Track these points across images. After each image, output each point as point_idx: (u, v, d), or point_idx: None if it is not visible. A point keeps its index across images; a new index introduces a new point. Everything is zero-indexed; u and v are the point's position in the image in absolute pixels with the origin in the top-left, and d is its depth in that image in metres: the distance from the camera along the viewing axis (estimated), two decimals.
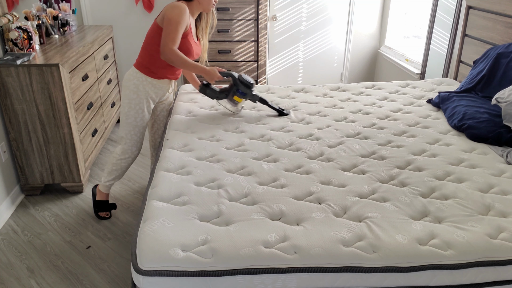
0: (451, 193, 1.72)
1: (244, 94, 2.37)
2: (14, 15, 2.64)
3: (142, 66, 2.31)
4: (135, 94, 2.30)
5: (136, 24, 4.30)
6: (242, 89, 2.35)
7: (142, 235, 1.45)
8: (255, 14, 3.93)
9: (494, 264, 1.43)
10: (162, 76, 2.35)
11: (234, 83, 2.36)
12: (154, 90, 2.36)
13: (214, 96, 2.41)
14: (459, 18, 3.27)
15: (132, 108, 2.32)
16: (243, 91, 2.36)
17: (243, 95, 2.38)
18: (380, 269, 1.39)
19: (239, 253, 1.38)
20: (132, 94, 2.30)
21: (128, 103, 2.31)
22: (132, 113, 2.33)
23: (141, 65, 2.31)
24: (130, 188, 2.97)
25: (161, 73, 2.34)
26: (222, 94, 2.40)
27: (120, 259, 2.30)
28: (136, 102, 2.31)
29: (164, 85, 2.41)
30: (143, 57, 2.31)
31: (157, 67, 2.31)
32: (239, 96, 2.37)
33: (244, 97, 2.39)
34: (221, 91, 2.40)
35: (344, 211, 1.63)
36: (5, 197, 2.65)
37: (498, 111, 2.27)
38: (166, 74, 2.36)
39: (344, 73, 4.75)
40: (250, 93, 2.39)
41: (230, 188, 1.74)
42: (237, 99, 2.39)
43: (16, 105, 2.58)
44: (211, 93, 2.40)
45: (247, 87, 2.35)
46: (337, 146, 2.14)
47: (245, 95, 2.38)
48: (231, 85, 2.38)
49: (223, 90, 2.40)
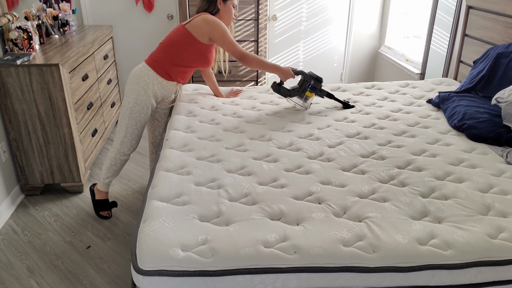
0: (451, 193, 1.72)
1: (314, 89, 2.52)
2: (14, 15, 2.64)
3: (157, 65, 2.34)
4: (143, 91, 2.34)
5: (136, 24, 4.30)
6: (313, 83, 2.49)
7: (142, 235, 1.45)
8: (255, 14, 3.93)
9: (494, 264, 1.43)
10: (174, 79, 2.42)
11: (305, 78, 2.51)
12: (161, 90, 2.41)
13: (287, 93, 2.56)
14: (459, 18, 3.27)
15: (139, 104, 2.35)
16: (314, 86, 2.50)
17: (313, 90, 2.52)
18: (380, 269, 1.39)
19: (239, 253, 1.38)
20: (141, 91, 2.33)
21: (135, 98, 2.33)
22: (137, 109, 2.36)
23: (157, 64, 2.35)
24: (130, 188, 2.97)
25: (174, 76, 2.40)
26: (294, 91, 2.55)
27: (120, 259, 2.30)
28: (144, 98, 2.35)
29: (171, 87, 2.47)
30: (160, 57, 2.35)
31: (174, 70, 2.37)
32: (310, 91, 2.52)
33: (315, 92, 2.53)
34: (292, 88, 2.56)
35: (344, 211, 1.63)
36: (5, 197, 2.65)
37: (498, 111, 2.27)
38: (178, 78, 2.44)
39: (344, 73, 4.75)
40: (320, 88, 2.53)
41: (230, 188, 1.74)
42: (309, 94, 2.54)
43: (16, 105, 2.58)
44: (285, 91, 2.56)
45: (318, 81, 2.51)
46: (337, 146, 2.14)
47: (315, 90, 2.52)
48: (302, 82, 2.52)
49: (294, 88, 2.56)
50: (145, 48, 4.42)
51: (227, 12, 2.41)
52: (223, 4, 2.39)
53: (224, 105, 2.65)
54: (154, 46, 4.41)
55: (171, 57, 2.34)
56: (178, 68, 2.38)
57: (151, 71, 2.34)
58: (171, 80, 2.41)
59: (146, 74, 2.33)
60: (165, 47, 2.35)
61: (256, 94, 2.88)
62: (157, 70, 2.34)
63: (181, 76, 2.45)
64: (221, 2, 2.38)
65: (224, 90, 2.91)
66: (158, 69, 2.35)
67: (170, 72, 2.38)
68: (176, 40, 2.33)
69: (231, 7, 2.41)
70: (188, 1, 3.82)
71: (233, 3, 2.41)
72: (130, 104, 2.34)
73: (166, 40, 2.37)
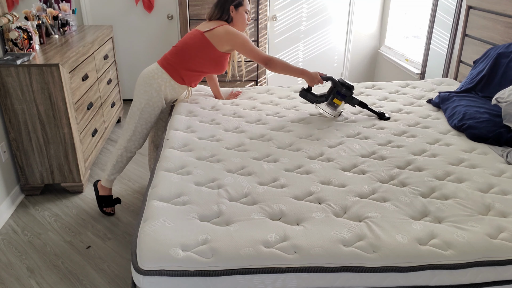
0: (451, 193, 1.72)
1: (344, 96, 2.39)
2: (14, 15, 2.64)
3: (171, 69, 2.36)
4: (156, 92, 2.36)
5: (136, 24, 4.30)
6: (343, 91, 2.37)
7: (142, 235, 1.45)
8: (255, 14, 3.93)
9: (494, 264, 1.43)
10: (187, 82, 2.45)
11: (334, 85, 2.39)
12: (172, 92, 2.44)
13: (314, 100, 2.44)
14: (459, 18, 3.27)
15: (151, 105, 2.37)
16: (344, 94, 2.38)
17: (343, 98, 2.40)
18: (380, 269, 1.39)
19: (239, 253, 1.38)
20: (154, 92, 2.36)
21: (147, 99, 2.36)
22: (149, 110, 2.38)
23: (171, 67, 2.37)
24: (130, 188, 2.97)
25: (188, 80, 2.43)
26: (321, 97, 2.43)
27: (120, 259, 2.30)
28: (156, 100, 2.37)
29: (182, 90, 2.50)
30: (176, 62, 2.37)
31: (188, 74, 2.40)
32: (339, 98, 2.39)
33: (344, 100, 2.41)
34: (320, 95, 2.43)
35: (344, 211, 1.63)
36: (5, 197, 2.65)
37: (498, 111, 2.27)
38: (190, 82, 2.46)
39: (344, 73, 4.76)
40: (350, 96, 2.41)
41: (230, 188, 1.74)
42: (337, 101, 2.40)
43: (16, 105, 2.58)
44: (312, 97, 2.43)
45: (348, 89, 2.38)
46: (337, 146, 2.14)
47: (345, 98, 2.40)
48: (331, 88, 2.41)
49: (322, 94, 2.44)
50: (145, 48, 4.42)
51: (240, 19, 2.42)
52: (236, 12, 2.40)
53: (224, 105, 2.65)
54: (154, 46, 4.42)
55: (186, 62, 2.36)
56: (192, 72, 2.41)
57: (165, 74, 2.36)
58: (183, 84, 2.45)
59: (160, 76, 2.36)
60: (181, 51, 2.37)
61: (256, 94, 2.88)
62: (171, 73, 2.37)
63: (194, 80, 2.48)
64: (233, 10, 2.39)
65: (224, 92, 2.91)
66: (172, 72, 2.37)
67: (184, 76, 2.41)
68: (193, 46, 2.35)
69: (243, 13, 2.42)
70: (188, 1, 3.82)
71: (245, 9, 2.42)
72: (142, 104, 2.37)
73: (182, 45, 2.38)
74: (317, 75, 2.38)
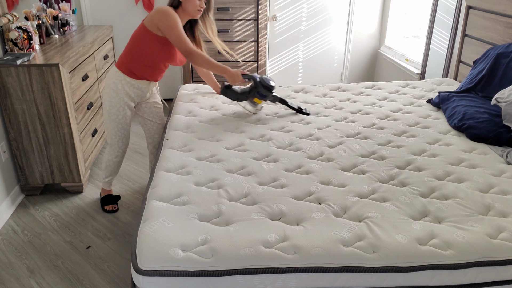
0: (451, 193, 1.72)
1: (264, 96, 2.41)
2: (14, 15, 2.64)
3: (122, 66, 2.33)
4: (115, 93, 2.33)
5: (136, 24, 4.29)
6: (262, 91, 2.39)
7: (142, 235, 1.45)
8: (255, 14, 3.93)
9: (494, 264, 1.43)
10: (141, 77, 2.36)
11: (255, 85, 2.39)
12: (133, 90, 2.36)
13: (234, 97, 2.45)
14: (459, 18, 3.27)
15: (113, 106, 2.35)
16: (263, 93, 2.39)
17: (262, 97, 2.42)
18: (380, 269, 1.39)
19: (239, 253, 1.38)
20: (112, 93, 2.33)
21: (109, 101, 2.35)
22: (113, 111, 2.36)
23: (122, 64, 2.33)
24: (130, 188, 2.97)
25: (140, 74, 2.34)
26: (242, 95, 2.44)
27: (120, 259, 2.30)
28: (117, 100, 2.34)
29: (143, 86, 2.39)
30: (125, 57, 2.33)
31: (137, 68, 2.32)
32: (259, 98, 2.42)
33: (264, 99, 2.43)
34: (241, 92, 2.44)
35: (344, 211, 1.63)
36: (5, 197, 2.65)
37: (498, 111, 2.27)
38: (144, 75, 2.36)
39: (344, 73, 4.75)
40: (270, 95, 2.43)
41: (230, 188, 1.74)
42: (257, 100, 2.44)
43: (16, 105, 2.58)
44: (232, 95, 2.44)
45: (268, 89, 2.39)
46: (337, 146, 2.14)
47: (264, 97, 2.42)
48: (251, 87, 2.41)
49: (243, 91, 2.44)
50: None
51: (190, 4, 2.24)
52: None
53: (224, 104, 2.65)
54: None
55: (133, 55, 2.30)
56: (141, 65, 2.32)
57: (118, 72, 2.33)
58: (138, 78, 2.35)
59: (114, 75, 2.33)
60: (128, 46, 2.33)
61: None
62: (122, 70, 2.32)
63: (147, 73, 2.35)
64: None
65: None
66: (125, 70, 2.32)
67: (135, 71, 2.32)
68: (135, 37, 2.29)
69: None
70: None
71: None
72: (107, 107, 2.37)
73: (130, 40, 2.32)
74: (238, 74, 2.31)
